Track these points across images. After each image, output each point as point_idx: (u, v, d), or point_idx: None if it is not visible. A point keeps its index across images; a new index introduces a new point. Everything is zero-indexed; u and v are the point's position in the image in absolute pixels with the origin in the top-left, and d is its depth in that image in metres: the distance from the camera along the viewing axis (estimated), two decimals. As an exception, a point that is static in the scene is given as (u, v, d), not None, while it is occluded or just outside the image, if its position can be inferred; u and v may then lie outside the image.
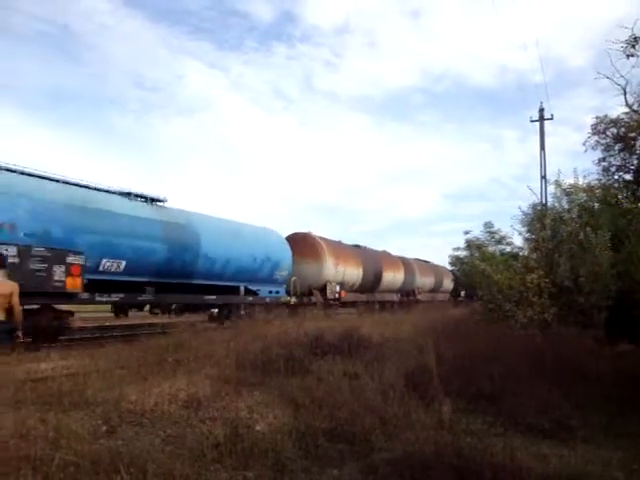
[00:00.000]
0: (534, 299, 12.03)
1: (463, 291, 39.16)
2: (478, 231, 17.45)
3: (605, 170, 19.29)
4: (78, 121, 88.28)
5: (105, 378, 7.59)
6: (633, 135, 18.14)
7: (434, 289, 36.22)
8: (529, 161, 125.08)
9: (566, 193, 13.95)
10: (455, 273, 39.38)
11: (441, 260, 42.81)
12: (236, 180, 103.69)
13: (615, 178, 18.80)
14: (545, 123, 22.66)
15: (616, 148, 19.18)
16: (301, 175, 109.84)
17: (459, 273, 39.22)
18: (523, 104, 71.87)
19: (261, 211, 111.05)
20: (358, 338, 9.41)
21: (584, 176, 13.91)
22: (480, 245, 17.12)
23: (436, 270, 37.19)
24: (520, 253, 15.99)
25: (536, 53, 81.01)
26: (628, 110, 18.66)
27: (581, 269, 11.88)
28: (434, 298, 33.60)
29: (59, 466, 3.78)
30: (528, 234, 15.82)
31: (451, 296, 38.92)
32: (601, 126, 19.56)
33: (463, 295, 39.34)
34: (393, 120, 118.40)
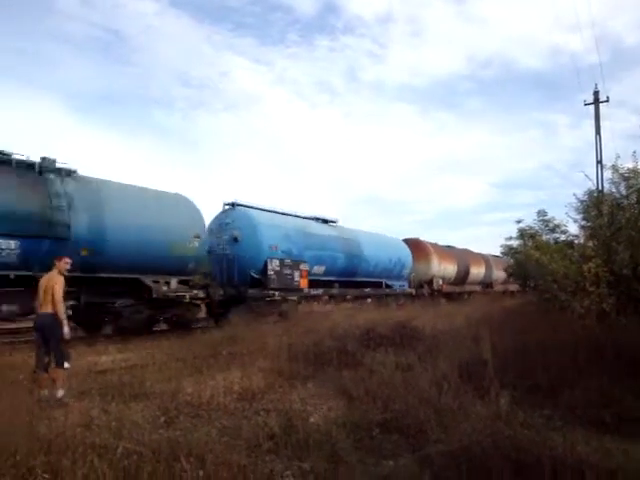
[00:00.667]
0: (591, 288, 11.62)
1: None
2: (531, 220, 16.97)
3: (666, 152, 18.42)
4: (128, 121, 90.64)
5: (162, 371, 7.82)
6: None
7: (505, 281, 37.45)
8: (582, 146, 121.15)
9: (624, 178, 13.37)
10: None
11: (492, 250, 42.48)
12: (283, 174, 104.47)
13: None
14: (600, 106, 21.81)
15: (678, 129, 18.28)
16: (347, 167, 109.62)
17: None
18: (576, 87, 69.52)
19: (308, 203, 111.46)
20: (411, 329, 9.34)
21: (643, 159, 13.29)
22: (534, 234, 16.59)
23: (507, 264, 38.00)
24: (575, 241, 15.45)
25: (590, 33, 78.16)
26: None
27: (642, 257, 11.42)
28: (507, 289, 36.09)
29: (123, 454, 3.92)
30: (584, 222, 15.30)
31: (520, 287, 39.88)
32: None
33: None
34: (439, 109, 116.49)
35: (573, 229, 16.05)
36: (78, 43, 76.21)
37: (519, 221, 17.82)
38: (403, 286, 25.74)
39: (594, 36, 68.06)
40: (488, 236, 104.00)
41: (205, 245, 15.56)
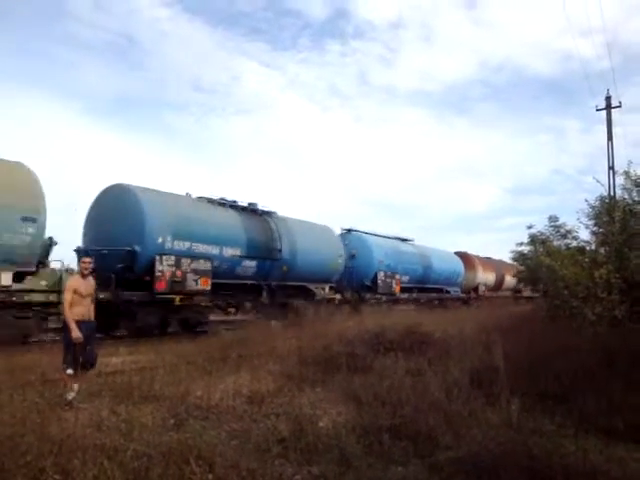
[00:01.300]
0: (603, 295, 11.53)
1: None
2: (542, 225, 16.86)
3: (679, 159, 18.24)
4: (142, 125, 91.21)
5: (171, 373, 7.83)
6: None
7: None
8: (594, 152, 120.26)
9: (636, 184, 13.27)
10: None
11: (502, 256, 43.17)
12: (294, 177, 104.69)
13: (690, 167, 17.75)
14: (612, 112, 21.66)
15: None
16: (359, 171, 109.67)
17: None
18: (588, 93, 69.14)
19: (319, 206, 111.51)
20: (420, 334, 9.30)
21: (656, 165, 13.19)
22: (545, 240, 16.49)
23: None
24: (587, 248, 15.34)
25: (601, 39, 77.69)
26: None
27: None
28: (532, 295, 38.34)
29: (132, 456, 3.93)
30: (596, 228, 15.19)
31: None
32: (674, 113, 18.52)
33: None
34: (451, 114, 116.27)
35: (584, 235, 15.94)
36: (93, 47, 76.88)
37: (530, 227, 17.71)
38: (457, 291, 31.97)
39: (606, 41, 67.61)
40: (499, 241, 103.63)
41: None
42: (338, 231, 23.14)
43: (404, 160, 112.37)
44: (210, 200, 16.28)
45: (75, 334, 6.10)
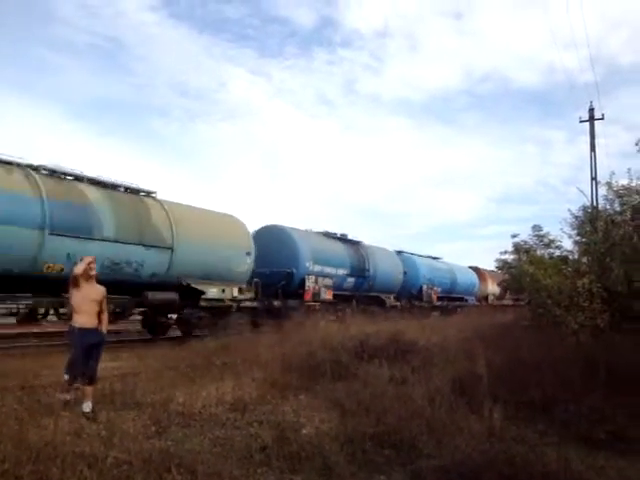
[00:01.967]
0: (585, 304, 11.64)
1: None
2: (526, 234, 17.05)
3: (660, 170, 18.50)
4: (126, 129, 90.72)
5: (154, 379, 7.75)
6: (690, 134, 17.38)
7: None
8: (577, 163, 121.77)
9: (618, 195, 13.45)
10: None
11: (486, 264, 44.04)
12: (281, 184, 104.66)
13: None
14: (595, 123, 21.96)
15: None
16: (345, 179, 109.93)
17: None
18: (571, 104, 70.05)
19: (306, 214, 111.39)
20: (404, 343, 9.31)
21: (638, 177, 13.35)
22: (528, 249, 16.65)
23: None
24: (570, 257, 15.49)
25: (585, 52, 78.85)
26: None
27: (635, 273, 11.43)
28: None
29: (113, 464, 3.87)
30: (578, 237, 15.35)
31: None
32: (656, 125, 18.79)
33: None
34: (437, 123, 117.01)
35: (567, 244, 16.10)
36: (79, 51, 76.41)
37: (514, 235, 17.85)
38: (473, 300, 37.23)
39: (589, 54, 68.67)
40: (483, 250, 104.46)
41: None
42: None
43: (390, 168, 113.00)
44: (326, 234, 22.77)
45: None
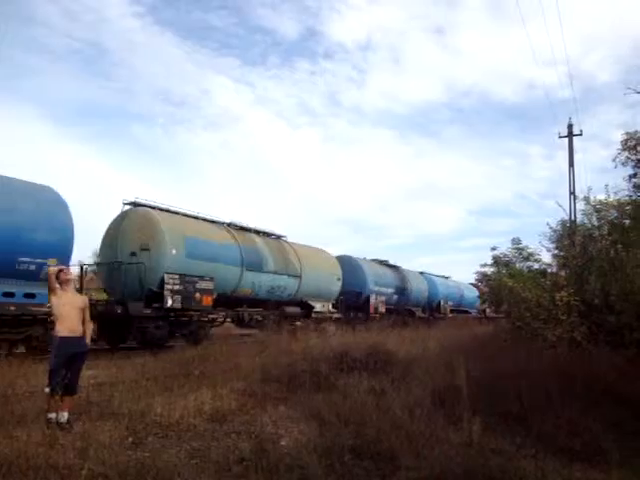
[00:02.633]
0: (563, 317, 11.76)
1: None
2: (505, 247, 17.22)
3: (636, 187, 18.78)
4: (108, 135, 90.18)
5: (131, 389, 7.64)
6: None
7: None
8: (556, 177, 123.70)
9: (596, 210, 13.67)
10: None
11: (465, 276, 46.23)
12: (261, 193, 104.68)
13: (647, 195, 18.34)
14: (573, 139, 22.33)
15: (648, 164, 18.71)
16: (326, 189, 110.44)
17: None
18: (550, 120, 71.42)
19: (284, 223, 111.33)
20: (384, 354, 9.31)
21: (614, 192, 13.60)
22: (508, 262, 16.80)
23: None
24: (548, 270, 15.68)
25: (563, 69, 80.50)
26: (660, 126, 18.26)
27: (612, 287, 11.59)
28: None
29: (87, 476, 3.81)
30: (557, 251, 15.54)
31: None
32: (632, 142, 19.10)
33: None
34: (418, 136, 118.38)
35: (546, 258, 16.29)
36: (60, 55, 75.79)
37: (494, 248, 18.01)
38: (475, 312, 41.92)
39: (568, 72, 70.07)
40: (463, 262, 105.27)
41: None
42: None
43: (373, 179, 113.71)
44: (379, 261, 30.80)
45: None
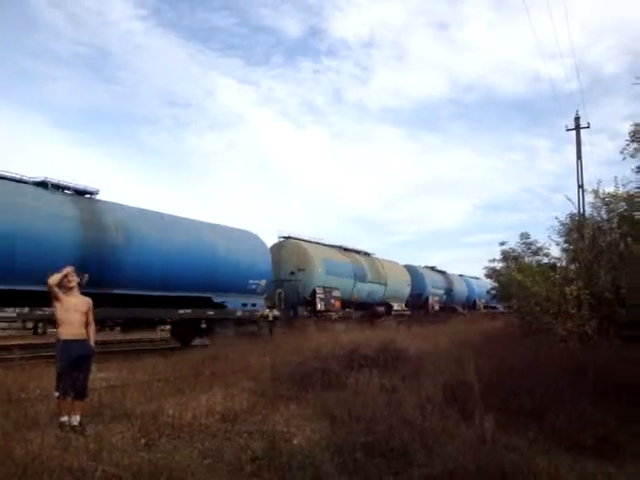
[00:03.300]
0: (573, 311, 11.72)
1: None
2: (513, 242, 17.20)
3: (645, 178, 18.70)
4: (113, 139, 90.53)
5: (143, 391, 7.68)
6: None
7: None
8: (563, 171, 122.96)
9: (605, 202, 13.58)
10: None
11: (473, 272, 45.47)
12: (268, 192, 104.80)
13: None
14: (581, 132, 22.18)
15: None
16: (334, 187, 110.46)
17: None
18: (556, 113, 70.92)
19: (294, 222, 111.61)
20: (395, 350, 9.30)
21: (623, 185, 13.52)
22: (517, 256, 16.74)
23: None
24: (558, 264, 15.60)
25: (569, 61, 79.73)
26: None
27: (622, 280, 11.52)
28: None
29: (101, 478, 3.82)
30: (566, 245, 15.48)
31: None
32: (640, 133, 19.00)
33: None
34: (424, 131, 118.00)
35: (555, 252, 16.22)
36: (65, 60, 76.19)
37: (503, 243, 18.00)
38: (502, 307, 41.43)
39: (575, 64, 69.49)
40: (471, 258, 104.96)
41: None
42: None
43: (379, 176, 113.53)
44: (432, 268, 37.25)
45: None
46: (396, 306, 29.10)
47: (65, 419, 5.73)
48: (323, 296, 20.98)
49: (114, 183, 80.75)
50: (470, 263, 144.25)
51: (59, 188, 13.83)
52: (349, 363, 8.64)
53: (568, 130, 22.59)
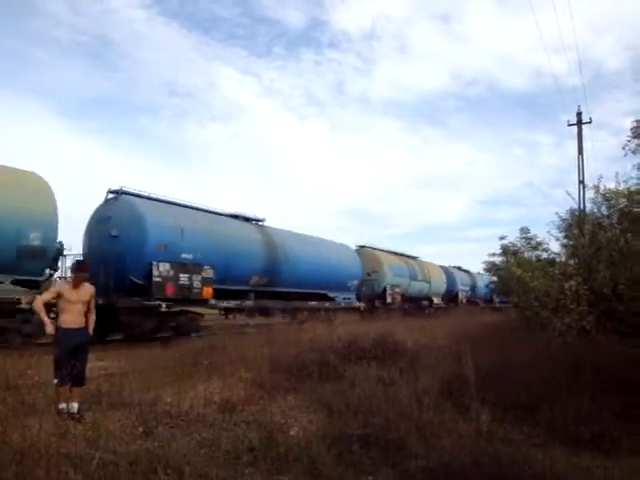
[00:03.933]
0: (572, 306, 11.72)
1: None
2: (513, 237, 17.25)
3: (647, 175, 18.64)
4: (115, 128, 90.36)
5: (141, 380, 7.70)
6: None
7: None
8: (564, 166, 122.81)
9: (605, 198, 13.55)
10: None
11: (473, 266, 45.54)
12: (268, 184, 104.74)
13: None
14: (583, 127, 22.10)
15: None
16: (334, 178, 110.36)
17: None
18: (558, 108, 70.71)
19: (293, 214, 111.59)
20: (392, 343, 9.32)
21: (624, 181, 13.48)
22: (516, 251, 16.76)
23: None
24: (557, 259, 15.61)
25: (572, 56, 79.35)
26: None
27: (621, 276, 11.52)
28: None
29: (99, 465, 3.84)
30: (566, 240, 15.47)
31: None
32: (642, 129, 18.93)
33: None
34: (425, 125, 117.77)
35: (555, 247, 16.23)
36: (65, 48, 75.88)
37: (502, 238, 18.01)
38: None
39: (578, 58, 69.29)
40: (470, 251, 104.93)
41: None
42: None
43: (379, 169, 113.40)
44: (458, 267, 40.91)
45: (48, 326, 5.80)
46: (436, 300, 35.55)
47: (63, 406, 5.76)
48: (391, 292, 28.03)
49: (118, 170, 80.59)
50: (470, 257, 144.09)
51: (245, 218, 19.47)
52: (347, 355, 8.68)
53: (570, 125, 22.49)
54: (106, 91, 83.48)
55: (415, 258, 34.81)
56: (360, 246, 28.50)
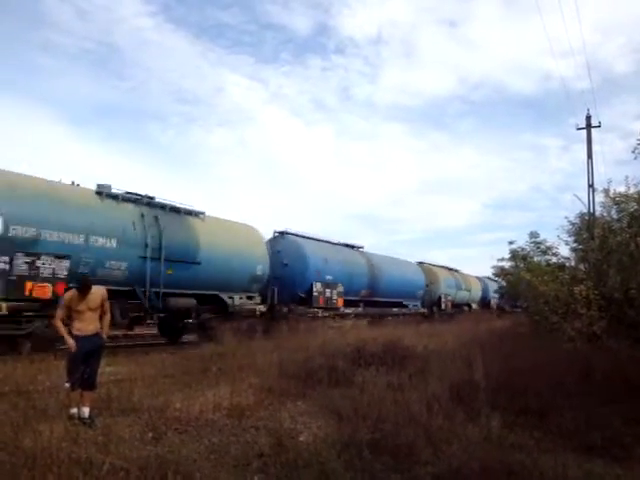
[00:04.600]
0: (582, 311, 11.65)
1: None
2: (522, 241, 17.16)
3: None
4: (123, 135, 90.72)
5: (151, 385, 7.73)
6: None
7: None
8: (573, 170, 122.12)
9: (615, 202, 13.48)
10: None
11: (482, 271, 46.29)
12: (276, 189, 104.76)
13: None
14: (592, 131, 22.01)
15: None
16: (341, 184, 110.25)
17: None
18: (567, 112, 70.35)
19: (301, 220, 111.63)
20: (402, 349, 9.30)
21: (635, 185, 13.40)
22: (525, 256, 16.65)
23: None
24: (567, 264, 15.52)
25: (580, 59, 78.95)
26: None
27: (632, 281, 11.44)
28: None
29: (109, 470, 3.86)
30: (575, 244, 15.39)
31: None
32: (652, 133, 18.82)
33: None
34: (432, 129, 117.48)
35: (564, 251, 16.13)
36: (73, 56, 76.56)
37: (511, 242, 17.89)
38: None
39: (586, 62, 69.00)
40: (479, 256, 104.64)
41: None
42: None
43: (386, 174, 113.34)
44: (488, 277, 40.18)
45: (69, 343, 5.90)
46: (474, 306, 41.01)
47: (74, 411, 5.78)
48: (444, 300, 33.56)
49: (125, 176, 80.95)
50: (479, 261, 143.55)
51: (352, 246, 25.49)
52: (356, 360, 8.67)
53: (579, 129, 22.40)
54: (114, 98, 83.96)
55: (457, 271, 40.00)
56: (419, 262, 33.69)
